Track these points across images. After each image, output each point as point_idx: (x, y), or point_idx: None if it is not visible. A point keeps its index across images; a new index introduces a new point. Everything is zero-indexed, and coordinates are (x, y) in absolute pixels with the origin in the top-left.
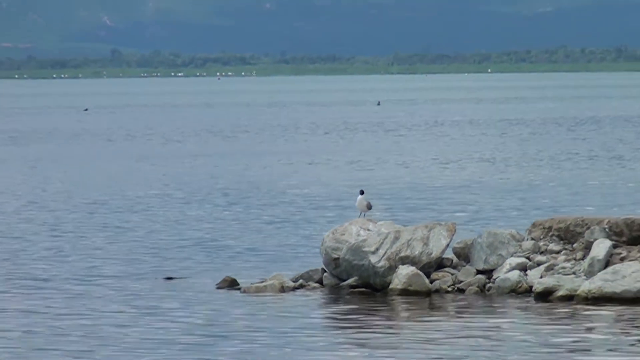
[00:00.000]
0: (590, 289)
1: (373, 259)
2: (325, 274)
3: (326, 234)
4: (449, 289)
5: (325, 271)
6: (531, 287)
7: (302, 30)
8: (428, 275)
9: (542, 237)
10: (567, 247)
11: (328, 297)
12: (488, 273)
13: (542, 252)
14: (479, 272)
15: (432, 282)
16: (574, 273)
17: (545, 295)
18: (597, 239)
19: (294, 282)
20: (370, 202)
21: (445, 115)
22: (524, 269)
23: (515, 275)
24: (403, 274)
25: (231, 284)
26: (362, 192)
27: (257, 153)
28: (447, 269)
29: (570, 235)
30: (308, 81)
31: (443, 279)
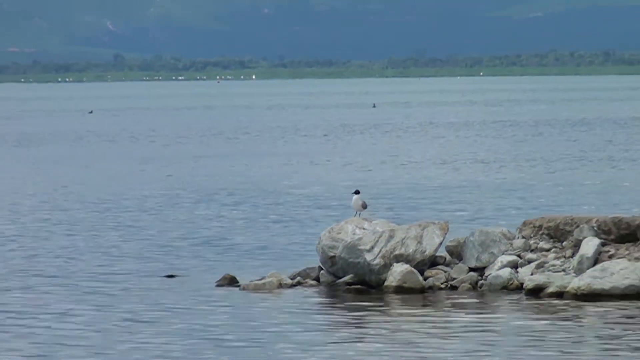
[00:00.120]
0: (580, 286)
1: (368, 257)
2: (322, 272)
3: (323, 232)
4: (442, 286)
5: (322, 269)
6: (522, 284)
7: (300, 35)
8: (422, 273)
9: (532, 235)
10: (556, 245)
11: (325, 294)
12: (480, 270)
13: (532, 250)
14: (471, 269)
15: (425, 279)
16: (563, 270)
17: (536, 291)
18: (586, 237)
19: (291, 279)
20: (365, 202)
21: (440, 117)
22: (515, 266)
23: (506, 272)
24: (397, 272)
25: (230, 282)
26: (358, 192)
27: (256, 154)
28: (440, 267)
29: (560, 234)
30: (305, 84)
31: (436, 276)
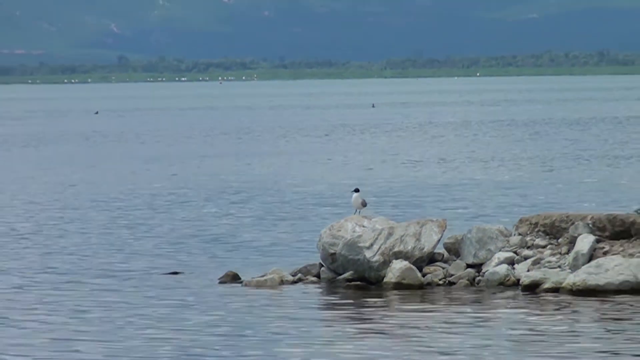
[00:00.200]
0: (575, 282)
1: (368, 254)
2: (322, 269)
3: (323, 230)
4: (441, 282)
5: (323, 266)
6: (519, 280)
7: (300, 37)
8: (420, 269)
9: (528, 232)
10: (552, 242)
11: (325, 290)
12: (477, 267)
13: (528, 247)
14: (468, 266)
15: (424, 275)
16: (559, 266)
17: (532, 287)
18: (581, 234)
19: (292, 276)
20: (365, 200)
21: (438, 116)
22: (511, 262)
23: (503, 268)
24: (397, 268)
25: (233, 278)
26: (357, 190)
27: (259, 153)
28: (438, 263)
29: (556, 231)
30: (306, 85)
31: (435, 272)
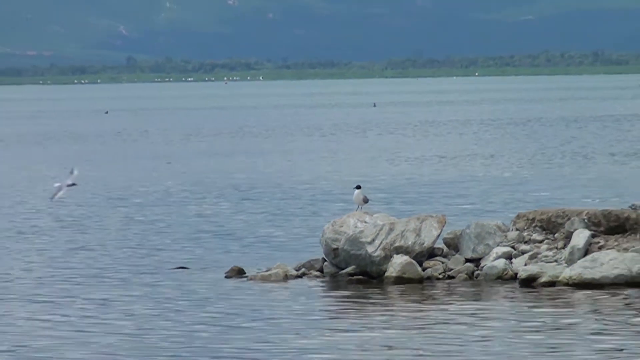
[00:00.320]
0: (571, 276)
1: (369, 249)
2: (325, 263)
3: (326, 226)
4: (440, 276)
5: (326, 260)
6: (516, 274)
7: (303, 38)
8: (420, 264)
9: (525, 227)
10: (549, 237)
11: (328, 284)
12: (476, 261)
13: (526, 242)
14: (467, 260)
15: (424, 270)
16: (555, 261)
17: (529, 281)
18: (577, 229)
19: (296, 270)
20: (366, 196)
21: (438, 115)
22: (509, 257)
23: (501, 263)
24: (397, 263)
25: (238, 273)
26: (359, 187)
27: (264, 152)
28: (438, 258)
29: (552, 226)
30: (309, 85)
31: (434, 267)
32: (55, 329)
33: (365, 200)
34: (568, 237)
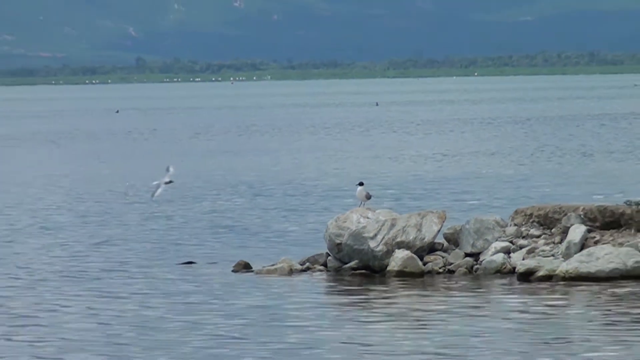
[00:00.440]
0: (568, 270)
1: (372, 244)
2: (329, 258)
3: (330, 221)
4: (440, 271)
5: (329, 255)
6: (514, 268)
7: (307, 39)
8: (421, 258)
9: (523, 223)
10: (546, 232)
11: (332, 278)
12: (475, 256)
13: (523, 237)
14: (467, 255)
15: (425, 264)
16: (552, 255)
17: (527, 275)
18: (573, 225)
19: (301, 265)
20: (369, 193)
21: (438, 114)
22: (507, 252)
23: (499, 257)
24: (399, 257)
25: (245, 267)
26: (362, 184)
27: (269, 150)
28: (438, 253)
29: (549, 221)
30: (313, 85)
31: (435, 261)
32: (95, 319)
33: (368, 197)
34: (565, 232)
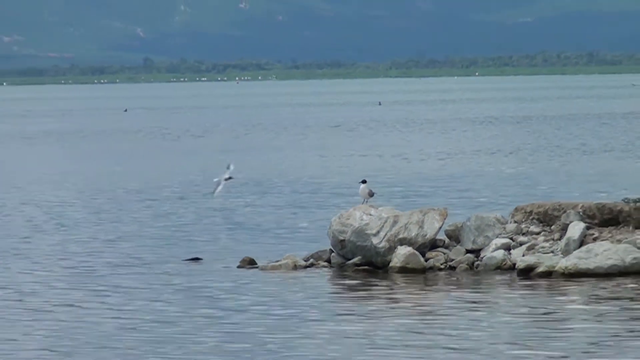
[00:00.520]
0: (567, 266)
1: (375, 241)
2: (332, 254)
3: (333, 218)
4: (442, 267)
5: (333, 251)
6: (514, 264)
7: (311, 40)
8: (423, 255)
9: (523, 220)
10: (545, 229)
11: (335, 274)
12: (476, 252)
13: (523, 234)
14: (468, 251)
15: (426, 260)
16: (552, 252)
17: (527, 271)
18: (572, 222)
19: (305, 261)
20: (372, 190)
21: (441, 113)
22: (508, 248)
23: (500, 254)
24: (401, 254)
25: (250, 263)
26: (365, 182)
27: (276, 147)
28: (440, 249)
29: (549, 219)
30: (317, 85)
31: (436, 257)
32: (111, 313)
33: (371, 194)
34: (564, 229)
